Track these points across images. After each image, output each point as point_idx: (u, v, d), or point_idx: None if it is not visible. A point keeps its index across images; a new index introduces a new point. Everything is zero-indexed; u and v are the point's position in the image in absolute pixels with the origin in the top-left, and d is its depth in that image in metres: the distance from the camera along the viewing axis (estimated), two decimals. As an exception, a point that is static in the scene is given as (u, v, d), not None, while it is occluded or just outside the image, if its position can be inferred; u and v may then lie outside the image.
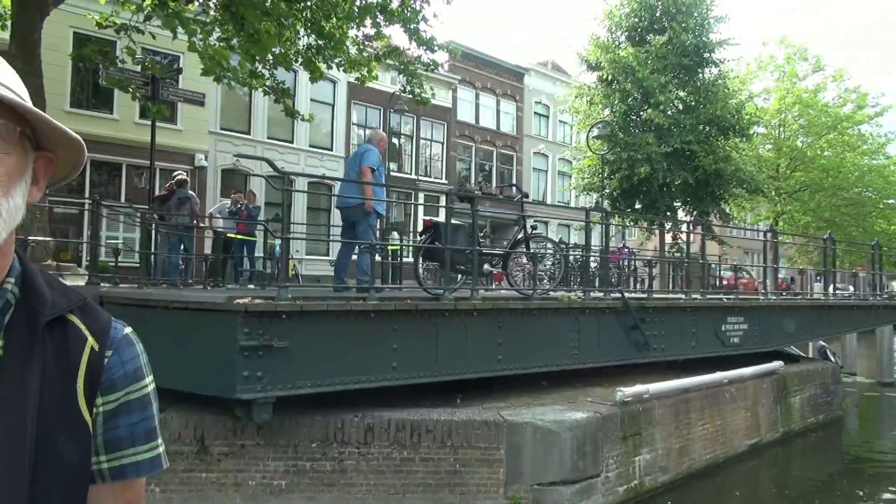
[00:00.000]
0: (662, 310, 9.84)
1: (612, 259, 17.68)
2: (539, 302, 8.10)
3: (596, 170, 23.83)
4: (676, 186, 22.65)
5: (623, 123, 22.59)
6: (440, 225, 7.88)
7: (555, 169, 39.83)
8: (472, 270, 7.86)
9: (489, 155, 36.25)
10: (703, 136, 22.36)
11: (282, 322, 6.29)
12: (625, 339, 9.16)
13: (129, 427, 1.20)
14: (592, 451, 7.11)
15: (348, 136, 28.61)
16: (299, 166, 26.29)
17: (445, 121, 33.33)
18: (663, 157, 21.63)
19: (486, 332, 7.61)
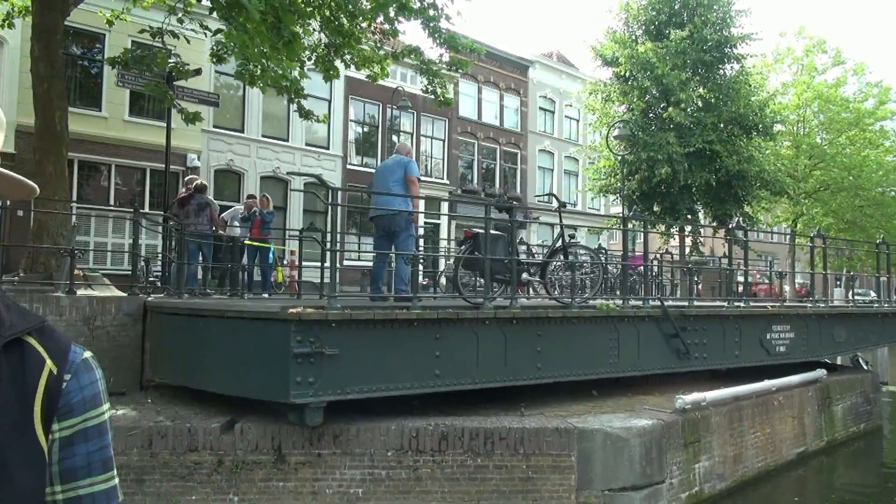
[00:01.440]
0: (704, 318, 10.76)
1: (634, 263, 18.70)
2: (577, 310, 9.10)
3: (613, 170, 24.85)
4: (698, 188, 23.72)
5: (642, 122, 23.66)
6: (480, 235, 8.82)
7: (561, 167, 40.79)
8: (510, 280, 8.82)
9: (492, 153, 37.23)
10: (725, 136, 23.43)
11: (332, 330, 7.24)
12: (665, 347, 10.12)
13: (87, 456, 1.22)
14: (658, 457, 7.97)
15: (346, 133, 29.55)
16: (295, 166, 27.21)
17: (446, 117, 34.27)
18: (684, 158, 22.71)
19: (525, 341, 8.60)
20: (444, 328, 8.03)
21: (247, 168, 25.73)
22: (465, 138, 35.78)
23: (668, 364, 10.22)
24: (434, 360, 7.91)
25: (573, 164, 41.64)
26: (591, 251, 10.79)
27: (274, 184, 26.77)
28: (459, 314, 8.14)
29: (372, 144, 31.64)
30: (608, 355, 9.39)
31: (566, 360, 8.93)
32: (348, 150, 29.99)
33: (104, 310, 8.43)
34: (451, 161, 34.76)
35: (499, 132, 37.31)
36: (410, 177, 9.48)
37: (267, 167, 26.44)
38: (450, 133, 34.77)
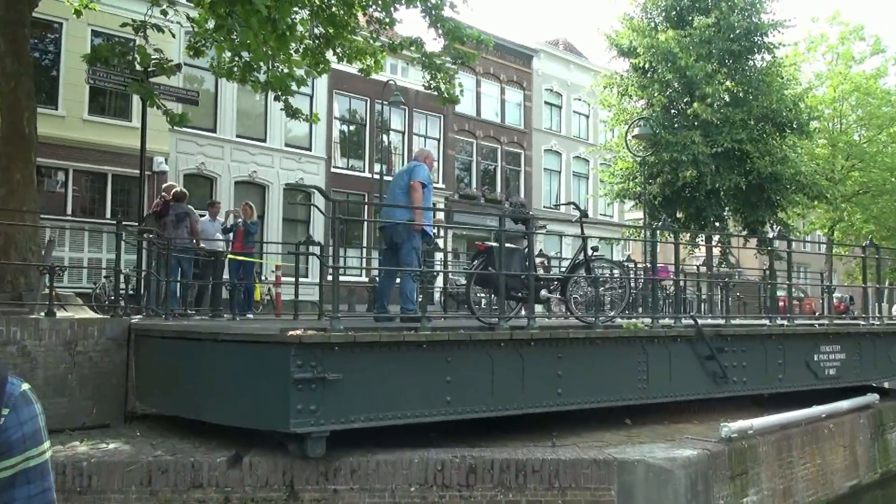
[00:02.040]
0: (742, 338, 11.12)
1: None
2: (602, 330, 9.48)
3: (631, 173, 25.37)
4: (726, 192, 24.27)
5: (663, 119, 24.25)
6: (494, 249, 9.20)
7: (569, 169, 41.37)
8: (528, 297, 9.19)
9: (492, 153, 37.79)
10: (756, 134, 24.02)
11: (334, 354, 7.58)
12: (700, 370, 10.49)
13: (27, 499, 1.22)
14: (704, 490, 8.21)
15: (330, 132, 30.00)
16: (273, 169, 27.60)
17: (441, 113, 34.77)
18: (711, 159, 23.28)
19: (544, 364, 8.97)
20: (456, 351, 8.39)
21: (219, 172, 26.10)
22: (463, 137, 36.29)
23: (703, 389, 10.57)
24: (445, 385, 8.26)
25: (583, 166, 42.14)
26: (616, 265, 11.15)
27: (250, 190, 27.18)
28: (472, 336, 8.49)
29: (359, 145, 32.14)
30: (637, 380, 9.76)
31: (590, 384, 9.30)
32: (332, 152, 30.47)
33: (86, 333, 8.70)
34: (446, 162, 35.21)
35: (500, 130, 37.82)
36: (412, 182, 9.85)
37: (242, 171, 26.83)
38: (445, 131, 35.29)
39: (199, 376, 8.32)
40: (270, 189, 27.65)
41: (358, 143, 32.15)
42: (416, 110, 33.70)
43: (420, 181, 9.83)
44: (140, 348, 9.33)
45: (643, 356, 9.83)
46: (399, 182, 10.12)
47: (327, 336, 7.53)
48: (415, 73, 33.35)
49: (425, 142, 34.90)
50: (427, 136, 34.92)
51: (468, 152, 36.68)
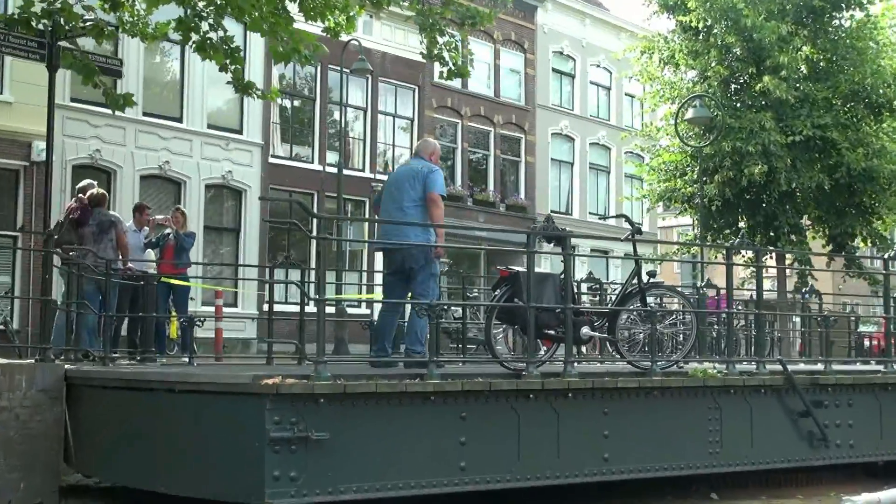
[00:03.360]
0: (848, 388, 11.77)
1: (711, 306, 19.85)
2: (661, 378, 10.20)
3: (680, 168, 26.37)
4: (804, 194, 25.22)
5: (723, 97, 25.17)
6: (521, 275, 9.88)
7: (584, 160, 42.17)
8: (565, 336, 9.94)
9: (483, 138, 38.43)
10: (844, 118, 24.91)
11: (320, 407, 8.26)
12: (790, 430, 11.16)
13: None
14: None
15: (267, 111, 30.54)
16: (192, 159, 28.03)
17: (416, 83, 35.42)
18: (786, 150, 24.12)
19: (585, 421, 9.71)
20: (473, 404, 9.08)
21: (119, 163, 26.46)
22: (444, 116, 36.92)
23: (796, 454, 11.23)
24: (458, 447, 8.92)
25: (602, 155, 43.03)
26: (680, 295, 11.89)
27: (160, 186, 27.73)
28: (493, 384, 9.18)
29: (305, 128, 32.85)
30: (707, 441, 10.46)
31: (646, 448, 10.02)
32: (271, 137, 31.06)
33: (12, 384, 9.07)
34: (422, 151, 35.81)
35: (493, 107, 38.40)
36: (432, 195, 10.54)
37: (150, 161, 27.30)
38: (421, 109, 35.85)
39: (152, 437, 8.91)
40: (188, 186, 28.09)
41: (305, 124, 32.77)
42: (382, 80, 34.19)
43: (440, 193, 10.59)
44: (77, 402, 9.86)
45: (715, 411, 10.54)
46: (406, 190, 10.76)
47: (311, 385, 8.19)
48: (381, 30, 34.11)
49: (394, 122, 35.43)
50: (397, 114, 35.54)
51: (451, 137, 37.30)
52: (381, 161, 34.85)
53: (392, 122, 35.54)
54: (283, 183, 30.56)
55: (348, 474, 8.29)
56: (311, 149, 32.45)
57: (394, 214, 10.90)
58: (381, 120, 34.87)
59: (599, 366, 12.46)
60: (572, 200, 41.76)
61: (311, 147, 32.48)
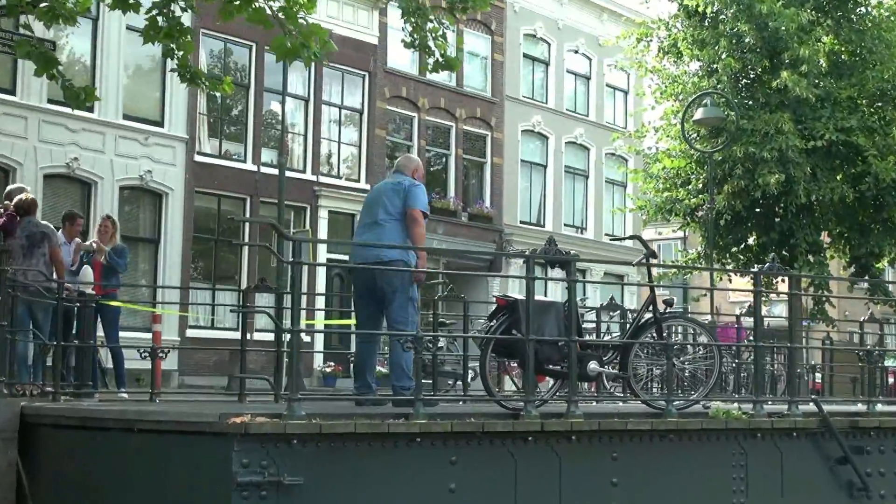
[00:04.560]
0: (893, 431, 12.34)
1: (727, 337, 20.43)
2: (677, 420, 10.73)
3: (683, 177, 27.08)
4: (824, 207, 26.00)
5: (734, 94, 25.77)
6: (520, 304, 10.39)
7: (559, 162, 42.68)
8: (568, 371, 10.51)
9: (443, 135, 38.97)
10: (872, 120, 25.62)
11: (293, 449, 8.72)
12: (826, 479, 11.69)
13: None
14: None
15: (193, 100, 30.72)
16: (104, 156, 28.12)
17: (365, 70, 35.84)
18: (805, 157, 24.82)
19: (591, 467, 10.23)
20: (464, 448, 9.55)
21: (19, 159, 26.52)
22: (398, 109, 37.40)
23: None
24: (447, 495, 9.38)
25: (581, 158, 43.73)
26: (701, 326, 12.50)
27: (66, 188, 27.91)
28: (486, 425, 9.64)
29: (238, 120, 33.21)
30: (730, 491, 10.97)
31: (660, 498, 10.56)
32: (197, 130, 31.32)
33: None
34: (371, 148, 36.20)
35: (455, 99, 38.86)
36: (412, 211, 11.06)
37: (56, 159, 27.46)
38: (371, 99, 36.20)
39: (110, 481, 9.36)
40: (99, 188, 28.27)
41: (237, 116, 33.17)
42: (325, 64, 34.51)
43: (421, 210, 11.11)
44: (31, 443, 10.21)
45: (740, 457, 11.07)
46: (384, 204, 11.30)
47: (282, 425, 8.65)
48: (327, 5, 34.17)
49: (340, 116, 35.68)
50: (343, 105, 35.99)
51: (406, 133, 37.91)
52: (325, 159, 35.24)
53: (338, 116, 35.93)
54: (211, 185, 30.94)
55: (324, 525, 8.71)
56: (243, 145, 32.74)
57: (367, 231, 11.48)
58: (326, 112, 35.25)
59: (608, 405, 12.96)
60: (544, 210, 42.30)
61: (244, 143, 32.75)
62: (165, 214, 29.92)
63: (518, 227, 40.34)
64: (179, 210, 29.89)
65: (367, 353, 11.56)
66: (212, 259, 31.77)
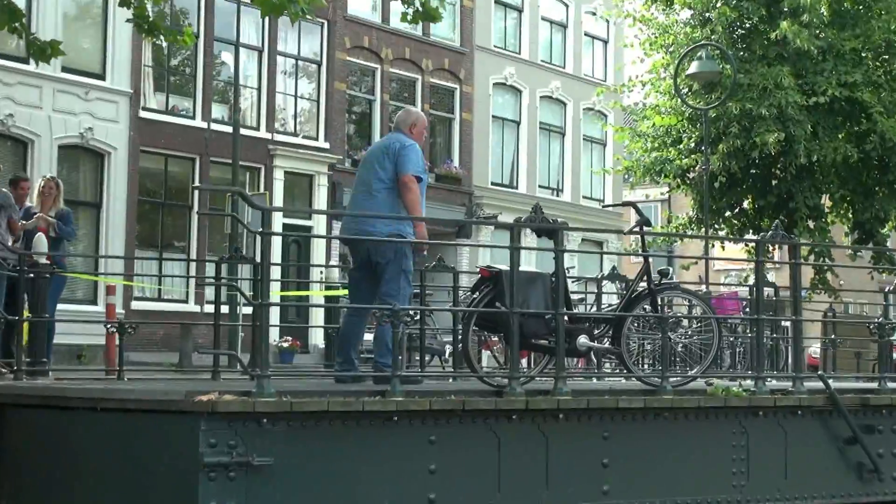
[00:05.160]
0: None
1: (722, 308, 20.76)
2: (672, 397, 10.97)
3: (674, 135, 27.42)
4: (825, 168, 26.34)
5: (729, 46, 26.01)
6: (504, 275, 10.60)
7: (534, 119, 42.97)
8: (556, 346, 10.76)
9: (408, 88, 39.33)
10: (877, 75, 25.94)
11: (263, 429, 8.94)
12: (835, 459, 11.93)
13: None
14: None
15: (138, 53, 30.78)
16: (42, 112, 28.13)
17: (324, 18, 35.79)
18: (806, 114, 25.17)
19: (580, 447, 10.48)
20: (444, 426, 9.80)
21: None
22: (360, 60, 37.61)
23: (840, 488, 11.97)
24: (427, 477, 9.61)
25: (557, 114, 44.03)
26: (699, 298, 12.78)
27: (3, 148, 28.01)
28: (467, 403, 9.86)
29: (186, 73, 33.38)
30: (728, 473, 11.21)
31: (654, 479, 10.81)
32: (142, 85, 31.37)
33: None
34: (330, 103, 36.45)
35: (421, 48, 39.14)
36: (403, 177, 11.18)
37: (-14, 115, 27.44)
38: (331, 50, 36.40)
39: (76, 462, 9.54)
40: (36, 147, 28.36)
41: (185, 68, 33.32)
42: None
43: (413, 174, 11.23)
44: (2, 424, 10.37)
45: (741, 437, 11.30)
46: (376, 170, 11.45)
47: (251, 403, 8.88)
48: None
49: (296, 68, 35.84)
50: (300, 56, 36.23)
51: (366, 87, 38.20)
52: (281, 117, 35.46)
53: (294, 69, 36.15)
54: (157, 144, 31.10)
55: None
56: (192, 100, 32.85)
57: (360, 202, 11.66)
58: (281, 63, 35.45)
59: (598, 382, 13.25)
60: (517, 170, 42.61)
61: (193, 98, 32.86)
62: (108, 176, 29.93)
63: (489, 190, 40.66)
64: (123, 171, 29.95)
65: (353, 327, 11.71)
66: (158, 225, 31.86)
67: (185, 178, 32.20)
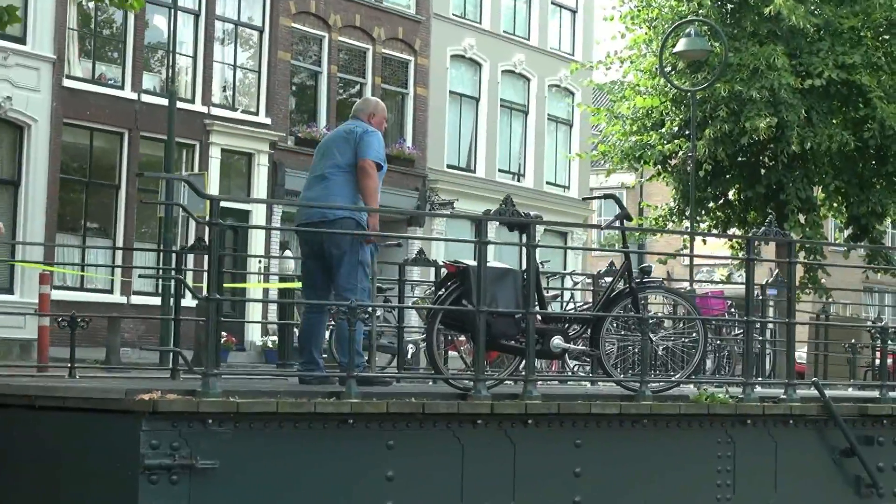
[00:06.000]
0: None
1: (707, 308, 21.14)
2: (652, 403, 11.27)
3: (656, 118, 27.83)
4: (818, 157, 26.75)
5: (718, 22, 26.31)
6: (471, 271, 10.90)
7: (495, 95, 43.18)
8: (526, 348, 11.04)
9: (358, 60, 39.38)
10: (877, 57, 26.22)
11: (207, 430, 9.22)
12: (830, 473, 12.27)
13: None
14: None
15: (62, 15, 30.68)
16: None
17: (266, -19, 35.76)
18: (800, 99, 25.52)
19: (551, 455, 10.78)
20: (404, 431, 10.09)
21: None
22: (305, 27, 37.81)
23: (835, 503, 12.40)
24: (384, 484, 9.91)
25: (520, 90, 44.33)
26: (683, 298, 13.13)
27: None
28: (427, 406, 10.18)
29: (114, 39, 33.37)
30: (712, 485, 11.51)
31: (630, 490, 11.15)
32: (66, 50, 31.28)
33: None
34: (273, 75, 36.61)
35: (373, 15, 39.33)
36: (363, 162, 11.44)
37: None
38: (274, 15, 36.51)
39: (13, 462, 9.81)
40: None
41: (114, 33, 33.34)
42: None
43: (373, 160, 11.49)
44: None
45: (727, 447, 11.61)
46: (334, 156, 11.77)
47: (195, 403, 9.17)
48: None
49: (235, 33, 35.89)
50: (240, 22, 36.40)
51: (312, 57, 38.42)
52: (219, 88, 35.66)
53: (234, 34, 36.28)
54: (83, 115, 31.18)
55: (244, 511, 9.23)
56: (121, 69, 32.80)
57: (314, 187, 11.93)
58: (220, 29, 35.62)
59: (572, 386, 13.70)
60: (475, 152, 42.89)
61: (122, 66, 32.83)
62: (27, 150, 29.90)
63: (444, 173, 41.11)
64: (44, 145, 29.94)
65: (314, 325, 11.92)
66: (82, 205, 32.07)
67: (113, 154, 32.26)
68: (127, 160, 32.02)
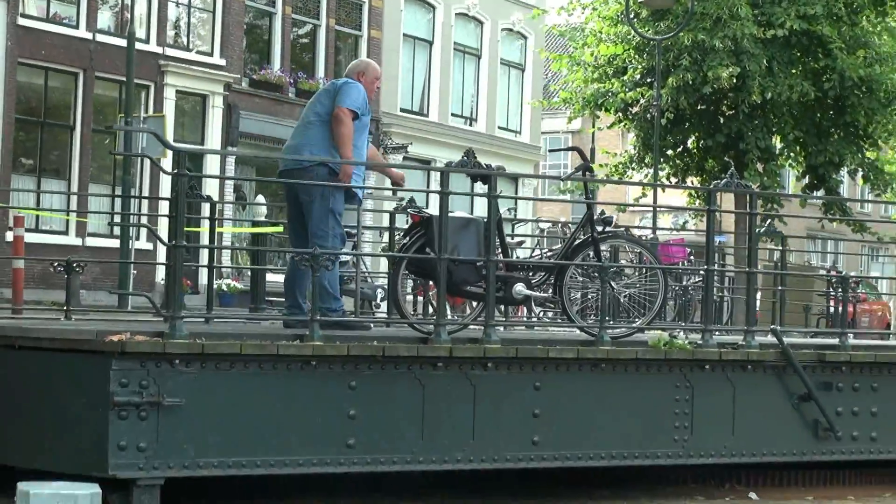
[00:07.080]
0: (870, 367, 13.28)
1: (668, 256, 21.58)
2: (609, 349, 11.79)
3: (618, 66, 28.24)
4: (777, 108, 27.26)
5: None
6: (435, 220, 11.32)
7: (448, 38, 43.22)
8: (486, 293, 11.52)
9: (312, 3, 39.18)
10: (838, 9, 26.56)
11: (174, 370, 9.70)
12: (788, 417, 12.68)
13: None
14: None
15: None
16: None
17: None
18: (762, 49, 25.97)
19: (510, 397, 11.26)
20: (364, 373, 10.57)
21: None
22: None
23: (792, 447, 12.81)
24: (346, 422, 10.41)
25: (473, 34, 44.56)
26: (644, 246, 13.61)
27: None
28: (387, 349, 10.61)
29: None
30: (670, 427, 11.98)
31: (587, 431, 11.64)
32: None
33: None
34: (227, 16, 36.67)
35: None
36: (338, 109, 11.74)
37: None
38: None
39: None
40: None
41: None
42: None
43: (349, 108, 11.79)
44: None
45: (685, 391, 12.05)
46: (315, 106, 12.25)
47: (162, 344, 9.64)
48: None
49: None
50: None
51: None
52: (173, 29, 35.73)
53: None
54: (38, 55, 31.17)
55: (208, 447, 9.76)
56: (75, 7, 32.68)
57: (294, 135, 12.48)
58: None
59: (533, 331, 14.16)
60: (428, 96, 43.21)
61: (76, 5, 32.67)
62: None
63: (397, 117, 41.25)
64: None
65: (297, 270, 12.12)
66: (37, 146, 32.22)
67: (68, 94, 32.30)
68: (82, 100, 32.12)
